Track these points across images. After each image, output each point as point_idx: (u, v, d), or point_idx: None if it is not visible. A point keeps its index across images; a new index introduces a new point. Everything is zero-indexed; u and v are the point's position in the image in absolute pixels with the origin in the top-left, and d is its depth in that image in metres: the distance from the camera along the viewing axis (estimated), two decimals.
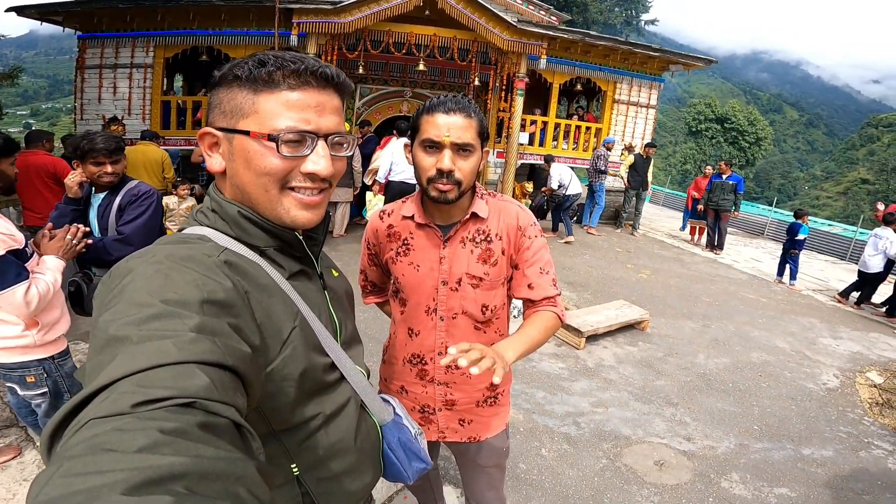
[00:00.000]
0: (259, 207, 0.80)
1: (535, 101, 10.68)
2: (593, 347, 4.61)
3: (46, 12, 7.87)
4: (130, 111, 8.57)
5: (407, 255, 1.48)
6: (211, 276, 0.67)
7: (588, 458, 3.01)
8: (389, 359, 1.65)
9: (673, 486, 2.81)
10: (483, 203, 1.45)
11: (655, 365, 4.37)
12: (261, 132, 0.74)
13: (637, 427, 3.38)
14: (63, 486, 0.35)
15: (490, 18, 7.49)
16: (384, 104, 9.59)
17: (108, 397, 0.45)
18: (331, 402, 0.91)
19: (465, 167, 1.31)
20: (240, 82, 0.76)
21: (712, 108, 35.94)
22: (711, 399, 3.88)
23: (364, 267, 1.68)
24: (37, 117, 57.48)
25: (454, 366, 1.48)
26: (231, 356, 0.57)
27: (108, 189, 2.46)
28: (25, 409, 2.38)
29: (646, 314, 5.19)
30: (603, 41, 9.26)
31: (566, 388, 3.83)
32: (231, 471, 0.41)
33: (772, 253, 10.33)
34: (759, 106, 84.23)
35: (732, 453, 3.19)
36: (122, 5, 7.63)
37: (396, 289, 1.55)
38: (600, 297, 5.98)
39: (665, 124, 64.48)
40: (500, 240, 1.45)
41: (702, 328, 5.39)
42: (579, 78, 9.85)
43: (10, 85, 8.70)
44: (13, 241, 1.88)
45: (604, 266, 7.34)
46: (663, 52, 10.08)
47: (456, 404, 1.57)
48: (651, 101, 10.65)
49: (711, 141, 34.97)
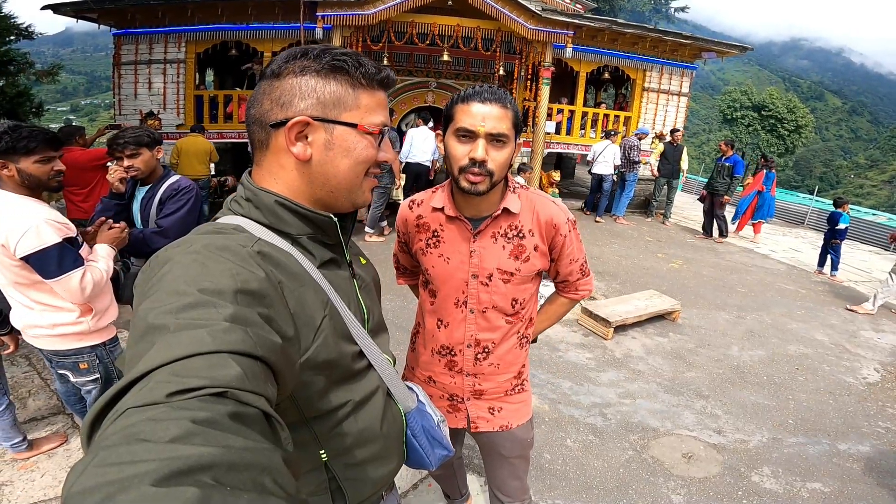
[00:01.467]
0: (339, 192, 0.86)
1: (562, 89, 10.52)
2: (621, 338, 4.52)
3: (81, 10, 8.10)
4: (165, 106, 8.78)
5: (437, 248, 1.48)
6: (245, 266, 0.69)
7: (614, 449, 2.96)
8: (417, 348, 1.65)
9: (701, 479, 2.73)
10: (515, 198, 1.42)
11: (686, 356, 4.26)
12: (367, 126, 0.83)
13: (665, 419, 3.30)
14: (97, 475, 0.36)
15: (513, 7, 7.38)
16: (409, 95, 9.59)
17: (145, 386, 0.47)
18: (359, 389, 0.93)
19: (499, 158, 1.28)
20: (338, 75, 0.81)
21: (748, 95, 34.71)
22: (745, 392, 3.76)
23: (396, 251, 1.71)
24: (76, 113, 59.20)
25: (482, 357, 1.52)
26: (262, 347, 0.58)
27: (147, 183, 2.57)
28: (74, 396, 2.47)
29: (677, 304, 5.06)
30: (631, 29, 9.03)
31: (593, 379, 3.76)
32: (258, 461, 0.42)
33: (812, 243, 9.94)
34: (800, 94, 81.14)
35: (765, 447, 3.09)
36: (153, 1, 7.82)
37: (426, 279, 1.54)
38: (629, 286, 5.86)
39: (698, 112, 62.81)
40: (532, 235, 1.43)
41: (736, 319, 5.22)
42: (607, 66, 9.64)
43: (51, 82, 9.01)
44: (67, 230, 1.96)
45: (633, 255, 7.20)
46: (695, 40, 9.78)
47: (484, 394, 1.58)
48: (683, 88, 10.35)
49: (748, 129, 33.77)
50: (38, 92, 9.61)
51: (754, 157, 34.11)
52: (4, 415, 2.49)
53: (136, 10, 8.06)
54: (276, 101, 0.81)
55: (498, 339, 1.51)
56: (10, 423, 2.54)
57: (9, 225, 1.85)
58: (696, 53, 10.16)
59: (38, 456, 2.64)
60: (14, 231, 1.84)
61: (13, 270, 1.92)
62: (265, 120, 0.82)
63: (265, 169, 0.86)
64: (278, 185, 0.85)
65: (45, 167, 1.96)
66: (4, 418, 2.50)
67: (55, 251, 1.88)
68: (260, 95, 0.83)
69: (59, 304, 2.04)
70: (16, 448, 2.59)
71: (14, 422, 2.57)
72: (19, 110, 8.27)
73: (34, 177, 1.94)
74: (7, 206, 1.90)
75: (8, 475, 2.51)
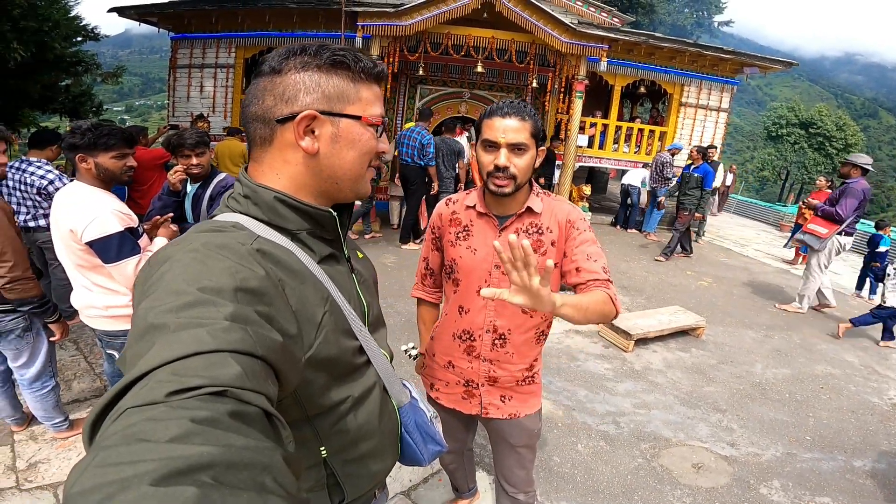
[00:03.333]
0: (344, 184, 0.88)
1: (596, 103, 10.48)
2: (642, 351, 4.52)
3: (144, 13, 8.58)
4: (214, 109, 9.16)
5: (466, 240, 1.63)
6: (245, 264, 0.69)
7: (624, 456, 2.99)
8: (439, 335, 1.77)
9: (708, 489, 2.74)
10: (538, 200, 1.60)
11: (707, 371, 4.24)
12: (370, 118, 0.86)
13: (679, 430, 3.31)
14: (97, 475, 0.36)
15: (548, 21, 7.46)
16: (443, 105, 9.76)
17: (145, 386, 0.47)
18: (359, 385, 0.94)
19: (520, 163, 1.47)
20: (340, 70, 0.83)
21: (795, 111, 33.64)
22: (764, 408, 3.73)
23: (426, 254, 1.82)
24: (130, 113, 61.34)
25: (499, 344, 1.62)
26: (262, 345, 0.58)
27: (201, 181, 2.80)
28: (119, 377, 2.67)
29: (702, 321, 5.02)
30: (668, 43, 8.96)
31: (609, 389, 3.80)
32: (258, 460, 0.42)
33: (853, 266, 9.59)
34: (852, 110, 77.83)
35: (777, 461, 3.07)
36: (207, 7, 8.23)
37: (451, 270, 1.68)
38: (655, 302, 5.83)
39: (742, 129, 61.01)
40: (550, 232, 1.58)
41: (763, 338, 5.14)
42: (643, 80, 9.58)
43: (114, 84, 9.45)
44: (130, 220, 2.16)
45: (661, 272, 7.13)
46: (736, 54, 9.57)
47: (498, 381, 1.70)
48: (723, 104, 10.15)
49: (793, 147, 32.72)
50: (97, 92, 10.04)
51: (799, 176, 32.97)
52: (49, 396, 2.69)
53: (192, 15, 8.48)
54: (279, 97, 0.81)
55: (514, 328, 1.64)
56: (54, 403, 2.73)
57: (80, 213, 2.06)
58: (738, 68, 9.96)
59: (76, 436, 2.82)
60: (83, 218, 2.04)
61: (77, 254, 2.13)
62: (270, 116, 0.82)
63: (266, 165, 0.86)
64: (281, 181, 0.85)
65: (120, 163, 2.17)
66: (49, 399, 2.70)
67: (116, 238, 2.07)
68: (260, 92, 0.83)
69: (115, 287, 2.23)
70: (57, 427, 2.78)
71: (57, 402, 2.76)
72: (81, 109, 8.76)
73: (109, 171, 2.15)
74: (81, 195, 2.12)
75: (46, 453, 2.70)
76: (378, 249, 6.84)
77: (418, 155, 6.47)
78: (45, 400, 2.69)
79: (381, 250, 6.83)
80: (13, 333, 2.48)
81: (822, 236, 5.54)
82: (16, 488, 2.45)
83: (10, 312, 2.43)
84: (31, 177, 3.60)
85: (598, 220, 9.88)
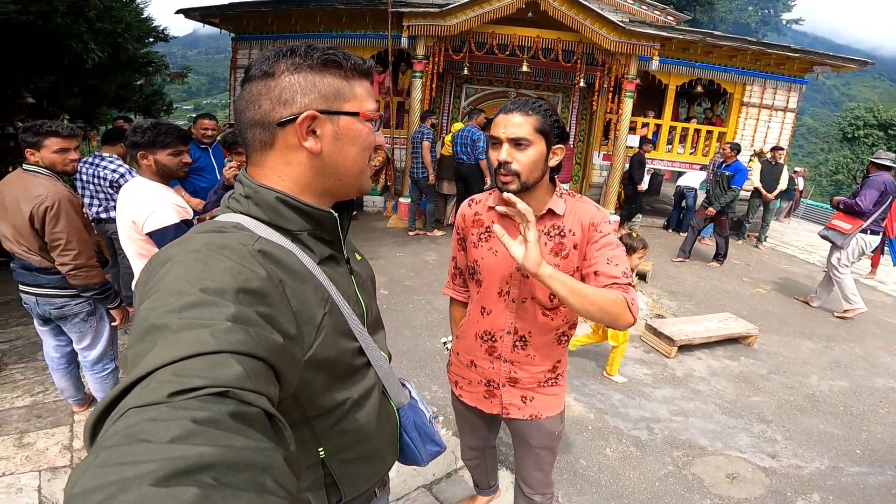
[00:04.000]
0: (348, 180, 0.89)
1: (650, 102, 10.16)
2: (686, 357, 4.34)
3: (207, 15, 9.03)
4: None
5: (488, 242, 1.62)
6: (246, 264, 0.69)
7: (654, 463, 2.88)
8: (463, 334, 1.78)
9: (740, 500, 2.60)
10: (561, 202, 1.55)
11: (755, 381, 4.01)
12: (367, 113, 0.88)
13: (717, 439, 3.15)
14: (98, 476, 0.36)
15: (595, 19, 7.28)
16: (489, 104, 9.72)
17: (146, 386, 0.47)
18: (358, 387, 0.94)
19: (522, 159, 1.43)
20: (332, 69, 0.84)
21: (874, 112, 31.29)
22: (814, 420, 3.49)
23: (455, 253, 1.83)
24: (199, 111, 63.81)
25: (520, 346, 1.62)
26: (263, 347, 0.58)
27: None
28: None
29: (754, 329, 4.75)
30: (728, 41, 8.54)
31: (646, 394, 3.66)
32: (259, 461, 0.42)
33: None
34: None
35: (821, 474, 2.87)
36: (264, 9, 8.57)
37: (474, 271, 1.68)
38: (704, 308, 5.57)
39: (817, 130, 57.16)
40: (573, 235, 1.53)
41: (822, 349, 4.81)
42: (700, 79, 9.20)
43: (181, 83, 9.99)
44: (185, 213, 2.31)
45: (714, 277, 6.80)
46: (804, 52, 9.00)
47: (519, 382, 1.69)
48: (790, 104, 9.58)
49: (871, 149, 30.38)
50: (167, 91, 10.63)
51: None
52: (109, 378, 2.89)
53: (250, 17, 8.85)
54: (276, 100, 0.81)
55: (535, 330, 1.61)
56: (113, 384, 2.90)
57: (141, 206, 2.22)
58: (807, 67, 9.38)
59: None
60: (144, 211, 2.20)
61: (138, 243, 2.28)
62: (268, 120, 0.82)
63: (268, 168, 0.85)
64: (284, 183, 0.85)
65: (176, 159, 2.32)
66: (108, 381, 2.89)
67: (172, 230, 2.20)
68: (255, 97, 0.82)
69: None
70: None
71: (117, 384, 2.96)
72: (153, 107, 9.32)
73: (167, 167, 2.30)
74: (142, 190, 2.29)
75: None
76: (420, 247, 6.91)
77: (470, 151, 6.67)
78: (105, 382, 2.88)
79: (424, 248, 6.89)
80: (77, 317, 2.69)
81: (845, 232, 5.39)
82: (69, 467, 2.60)
83: (75, 297, 2.63)
84: (103, 171, 3.87)
85: (650, 223, 9.57)
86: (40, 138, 2.50)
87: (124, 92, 8.23)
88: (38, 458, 2.65)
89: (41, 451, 2.71)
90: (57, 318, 2.69)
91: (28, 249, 2.50)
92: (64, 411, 3.03)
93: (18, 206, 2.43)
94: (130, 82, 8.27)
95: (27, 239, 2.48)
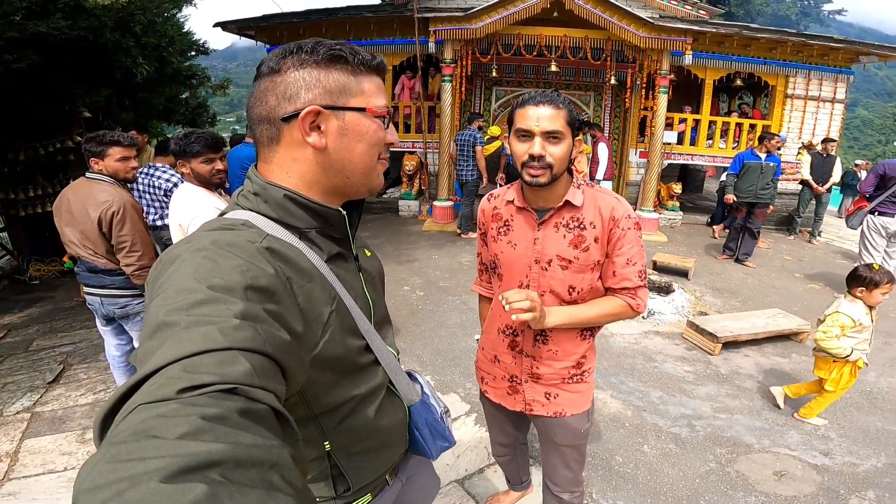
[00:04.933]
0: (355, 177, 0.88)
1: (686, 97, 9.89)
2: (731, 355, 4.16)
3: (243, 27, 9.30)
4: None
5: (507, 235, 1.63)
6: (254, 262, 0.69)
7: (695, 460, 2.77)
8: (487, 329, 1.80)
9: (788, 498, 2.47)
10: (579, 192, 1.53)
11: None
12: (375, 109, 0.86)
13: (764, 437, 3.00)
14: (107, 472, 0.36)
15: (622, 16, 7.14)
16: None
17: (156, 382, 0.47)
18: (365, 383, 0.94)
19: (556, 152, 1.43)
20: (338, 64, 0.83)
21: None
22: (871, 417, 3.29)
23: (479, 249, 1.85)
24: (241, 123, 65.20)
25: (541, 340, 1.62)
26: (271, 344, 0.59)
27: None
28: None
29: (805, 324, 4.51)
30: (765, 33, 8.25)
31: (687, 392, 3.53)
32: (266, 458, 0.42)
33: None
34: None
35: (877, 472, 2.70)
36: (295, 20, 8.79)
37: (495, 265, 1.69)
38: (752, 305, 5.35)
39: (872, 122, 54.16)
40: (593, 228, 1.51)
41: (881, 345, 4.50)
42: (738, 73, 8.89)
43: (222, 95, 10.32)
44: None
45: (763, 274, 6.51)
46: (848, 42, 8.64)
47: (542, 378, 1.67)
48: (837, 94, 9.16)
49: None
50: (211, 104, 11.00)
51: None
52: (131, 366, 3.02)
53: (283, 28, 9.06)
54: (281, 96, 0.81)
55: None
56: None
57: (186, 210, 2.35)
58: (853, 57, 8.96)
59: None
60: (188, 215, 2.32)
61: None
62: (274, 115, 0.82)
63: (276, 165, 0.85)
64: (291, 180, 0.85)
65: (208, 167, 2.42)
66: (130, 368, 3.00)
67: None
68: (262, 93, 0.83)
69: None
70: None
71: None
72: (199, 119, 9.68)
73: (200, 174, 2.42)
74: (188, 195, 2.42)
75: None
76: (456, 248, 6.93)
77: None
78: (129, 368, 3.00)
79: (459, 249, 6.91)
80: (139, 315, 2.84)
81: (848, 213, 5.90)
82: None
83: (138, 296, 2.79)
84: (157, 180, 4.08)
85: (692, 220, 9.27)
86: (104, 147, 2.67)
87: (172, 104, 8.58)
88: None
89: None
90: (120, 318, 2.84)
91: (94, 252, 2.66)
92: None
93: (86, 212, 2.60)
94: (177, 95, 8.58)
95: (94, 242, 2.64)
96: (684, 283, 5.87)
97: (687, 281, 5.99)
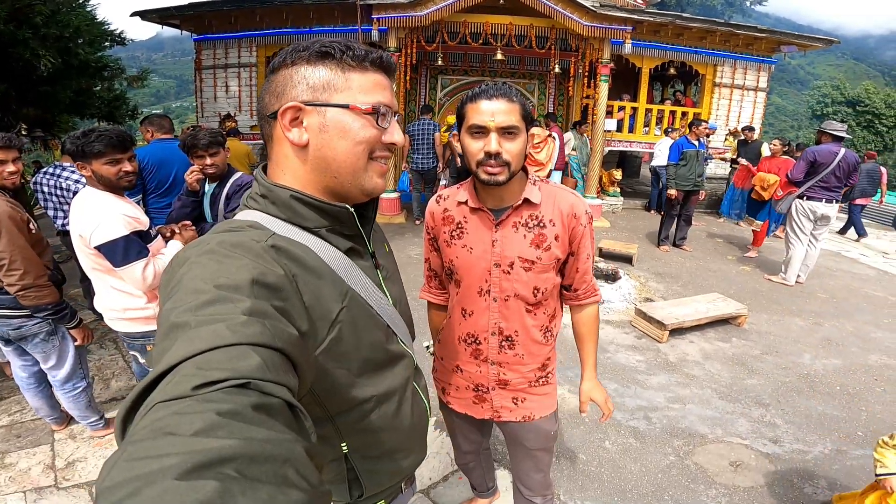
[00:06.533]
0: (343, 177, 0.84)
1: (625, 86, 10.17)
2: (677, 341, 4.28)
3: (165, 16, 8.73)
4: (241, 108, 9.28)
5: (461, 238, 1.51)
6: (260, 260, 0.70)
7: (655, 454, 2.80)
8: (445, 338, 1.68)
9: (746, 489, 2.52)
10: (535, 189, 1.46)
11: (749, 363, 3.96)
12: (361, 106, 0.82)
13: (716, 426, 3.08)
14: (126, 470, 0.36)
15: (566, 4, 7.18)
16: (465, 94, 9.60)
17: (171, 380, 0.47)
18: (384, 383, 0.93)
19: (512, 148, 1.33)
20: (326, 61, 0.81)
21: (841, 90, 31.98)
22: (812, 402, 3.44)
23: (427, 255, 1.71)
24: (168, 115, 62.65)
25: (506, 346, 1.55)
26: (279, 338, 0.59)
27: (217, 180, 2.77)
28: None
29: (743, 308, 4.71)
30: (697, 23, 8.60)
31: (641, 382, 3.58)
32: (280, 453, 0.42)
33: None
34: None
35: (826, 459, 2.82)
36: (226, 8, 8.30)
37: (451, 271, 1.57)
38: (692, 289, 5.54)
39: (785, 108, 58.29)
40: (553, 225, 1.45)
41: (812, 326, 4.79)
42: (672, 62, 9.21)
43: (141, 87, 9.64)
44: (138, 224, 2.13)
45: (699, 257, 6.80)
46: (771, 32, 9.17)
47: (509, 384, 1.61)
48: (760, 83, 9.70)
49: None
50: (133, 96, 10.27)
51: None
52: (81, 396, 2.72)
53: (212, 16, 8.57)
54: (272, 93, 0.83)
55: (521, 329, 1.53)
56: (87, 403, 2.75)
57: (86, 218, 2.05)
58: (774, 47, 9.51)
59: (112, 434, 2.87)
60: (89, 224, 2.03)
61: (91, 258, 2.12)
62: (265, 113, 0.84)
63: (273, 161, 0.87)
64: (287, 177, 0.85)
65: (114, 168, 2.10)
66: (80, 399, 2.72)
67: (122, 242, 2.04)
68: (262, 92, 0.85)
69: (130, 289, 2.22)
70: (93, 426, 2.82)
71: (90, 402, 2.78)
72: (116, 113, 8.88)
73: (104, 177, 2.10)
74: (89, 201, 2.10)
75: (83, 451, 2.73)
76: (404, 241, 6.78)
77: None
78: (78, 400, 2.72)
79: (407, 242, 6.76)
80: (37, 337, 2.51)
81: (776, 197, 6.16)
82: (54, 487, 2.49)
83: (31, 317, 2.44)
84: (65, 181, 3.66)
85: (631, 205, 9.59)
86: None
87: (82, 98, 7.86)
88: (21, 479, 2.54)
89: (24, 471, 2.59)
90: (16, 339, 2.51)
91: None
92: (43, 430, 2.89)
93: None
94: (88, 88, 7.91)
95: None
96: (629, 270, 6.01)
97: (631, 267, 6.14)
